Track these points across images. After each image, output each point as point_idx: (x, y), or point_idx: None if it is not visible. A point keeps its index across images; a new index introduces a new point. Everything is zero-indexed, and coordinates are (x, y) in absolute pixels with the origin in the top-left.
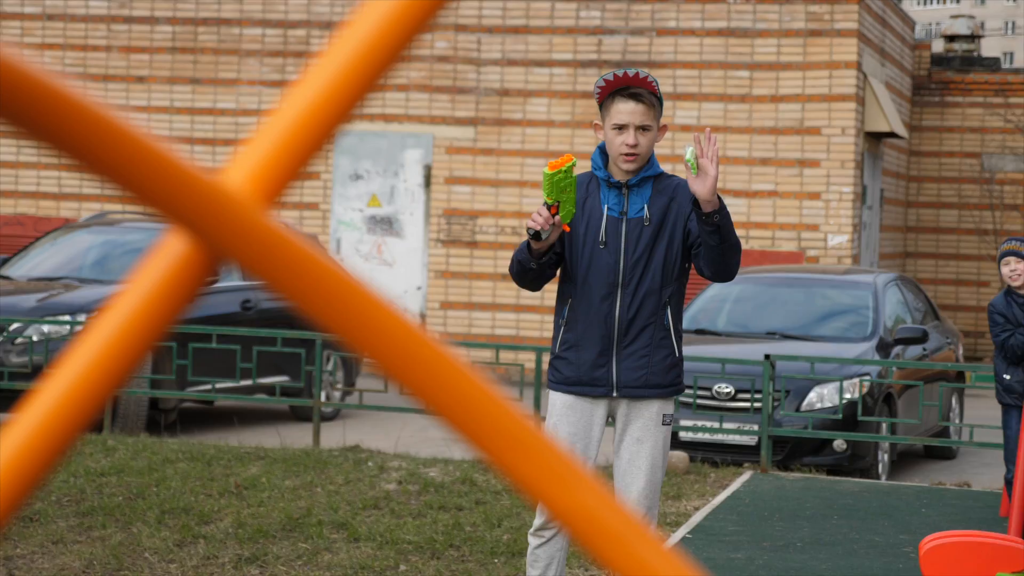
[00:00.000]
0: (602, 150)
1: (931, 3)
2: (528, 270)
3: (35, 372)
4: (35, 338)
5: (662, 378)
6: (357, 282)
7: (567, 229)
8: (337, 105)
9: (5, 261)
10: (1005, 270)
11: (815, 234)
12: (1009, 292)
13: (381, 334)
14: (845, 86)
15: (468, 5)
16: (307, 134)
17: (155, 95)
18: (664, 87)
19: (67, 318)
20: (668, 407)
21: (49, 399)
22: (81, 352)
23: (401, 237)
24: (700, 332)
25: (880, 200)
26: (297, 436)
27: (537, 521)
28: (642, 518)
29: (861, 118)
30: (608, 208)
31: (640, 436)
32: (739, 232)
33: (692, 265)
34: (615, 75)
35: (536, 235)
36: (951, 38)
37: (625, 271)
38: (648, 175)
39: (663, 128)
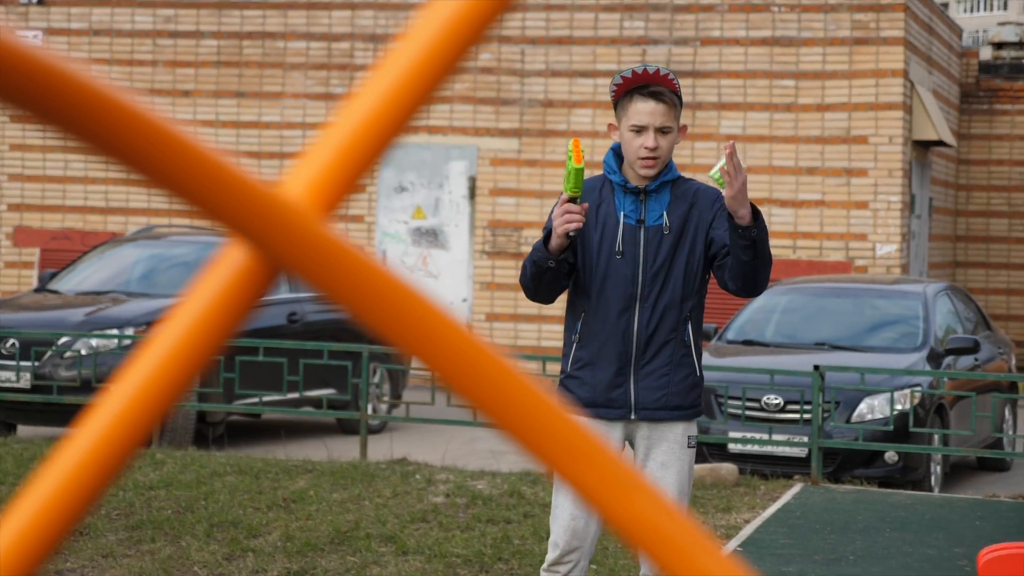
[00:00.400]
0: (616, 152)
1: (978, 10)
2: (546, 270)
3: (84, 386)
4: (83, 352)
5: (683, 399)
6: (416, 292)
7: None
8: (393, 117)
9: (53, 275)
10: None
11: (863, 244)
12: None
13: (440, 344)
14: (892, 94)
15: (511, 16)
16: (364, 146)
17: (200, 109)
18: (709, 97)
19: (115, 332)
20: (692, 428)
21: (108, 413)
22: (140, 365)
23: (446, 249)
24: (748, 343)
25: (929, 209)
26: (344, 449)
27: (550, 556)
28: None
29: (909, 127)
30: (625, 215)
31: (665, 460)
32: (786, 242)
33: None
34: (633, 72)
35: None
36: (999, 45)
37: (644, 283)
38: (667, 180)
39: (683, 129)
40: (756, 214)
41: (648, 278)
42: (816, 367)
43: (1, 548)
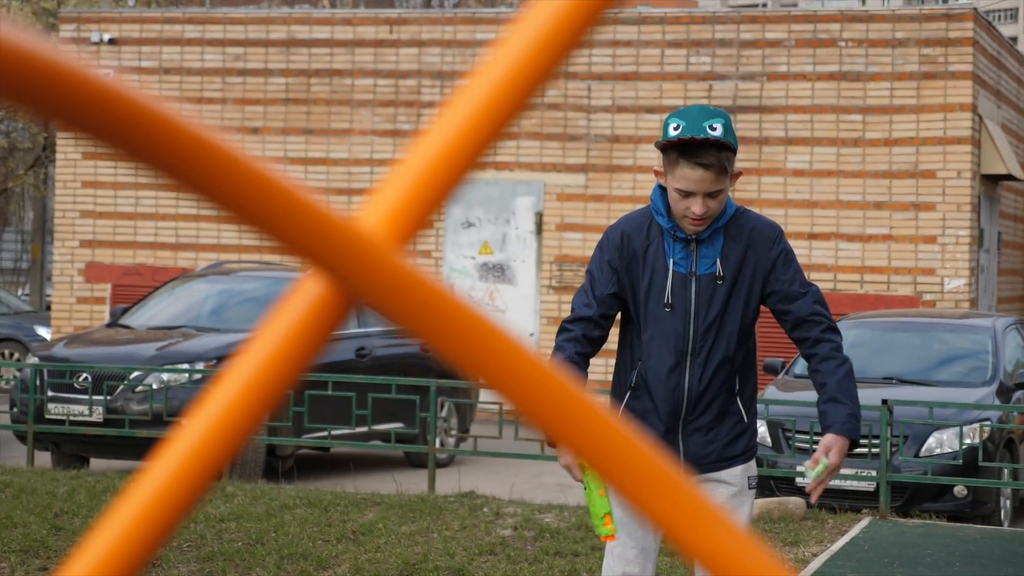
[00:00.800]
0: (664, 190)
1: None
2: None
3: (155, 420)
4: (155, 386)
5: (732, 448)
6: (493, 323)
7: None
8: (466, 152)
9: (125, 311)
10: None
11: (931, 278)
12: None
13: (516, 375)
14: (960, 129)
15: (579, 53)
16: (437, 180)
17: (269, 146)
18: (775, 132)
19: (185, 366)
20: (751, 469)
21: (183, 446)
22: (216, 398)
23: (513, 284)
24: None
25: (997, 243)
26: (412, 482)
27: None
28: None
29: (977, 161)
30: (674, 263)
31: (725, 505)
32: (854, 276)
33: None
34: (680, 137)
35: None
36: None
37: (696, 338)
38: (719, 225)
39: (736, 176)
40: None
41: (700, 333)
42: (884, 401)
43: None
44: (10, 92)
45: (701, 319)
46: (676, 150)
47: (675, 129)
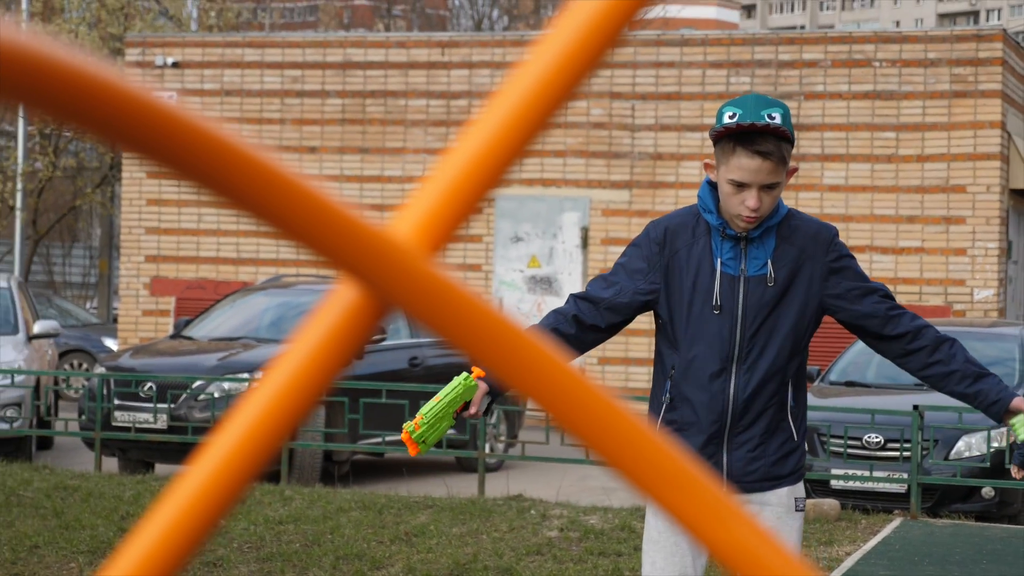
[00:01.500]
0: (712, 186)
1: None
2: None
3: (217, 427)
4: (216, 395)
5: (781, 468)
6: (521, 330)
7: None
8: (497, 161)
9: (188, 323)
10: None
11: (961, 289)
12: None
13: (545, 379)
14: (990, 145)
15: (622, 74)
16: (469, 188)
17: (326, 164)
18: (812, 149)
19: (246, 375)
20: (799, 490)
21: (222, 449)
22: (255, 401)
23: (560, 296)
24: (850, 384)
25: None
26: (463, 486)
27: None
28: None
29: (1006, 176)
30: (722, 263)
31: (772, 527)
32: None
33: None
34: (738, 123)
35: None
36: None
37: (743, 343)
38: (771, 224)
39: (791, 172)
40: None
41: (747, 337)
42: (915, 407)
43: None
44: (69, 113)
45: (749, 323)
46: (732, 139)
47: (731, 117)
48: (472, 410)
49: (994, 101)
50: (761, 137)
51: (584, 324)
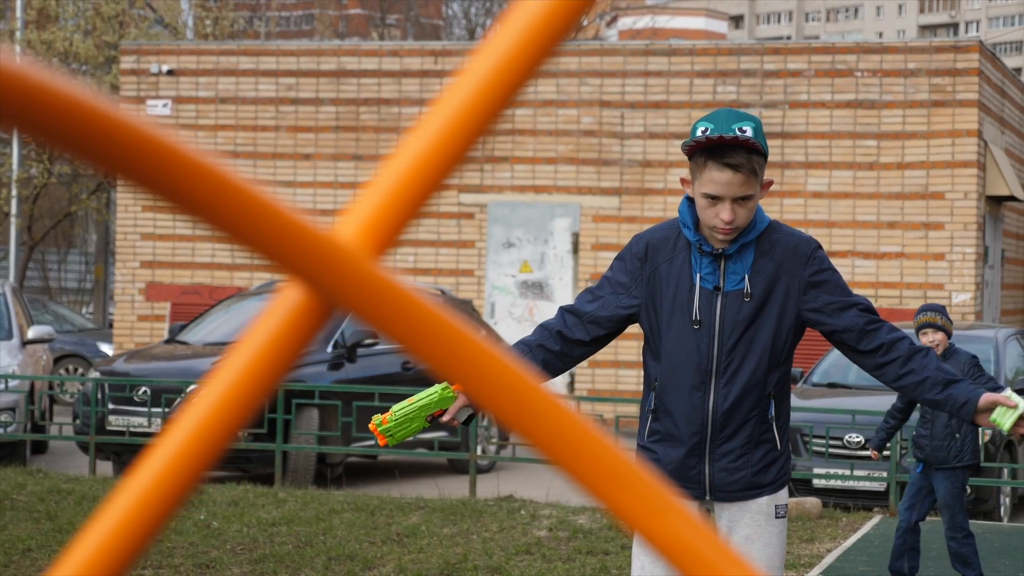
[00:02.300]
0: (691, 202)
1: None
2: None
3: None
4: None
5: (763, 477)
6: (463, 327)
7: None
8: (439, 166)
9: (182, 328)
10: (924, 339)
11: (940, 293)
12: None
13: (486, 376)
14: (967, 153)
15: (612, 83)
16: (412, 192)
17: (320, 171)
18: (796, 156)
19: None
20: (780, 498)
21: (170, 449)
22: (200, 402)
23: (551, 301)
24: (832, 385)
25: (1001, 260)
26: (455, 487)
27: None
28: None
29: (982, 183)
30: (701, 278)
31: (750, 534)
32: (868, 292)
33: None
34: (707, 137)
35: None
36: None
37: (721, 358)
38: (748, 240)
39: (766, 185)
40: None
41: (725, 351)
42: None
43: None
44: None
45: (727, 337)
46: (704, 153)
47: (703, 132)
48: (446, 417)
49: (971, 110)
50: (731, 150)
51: (569, 339)
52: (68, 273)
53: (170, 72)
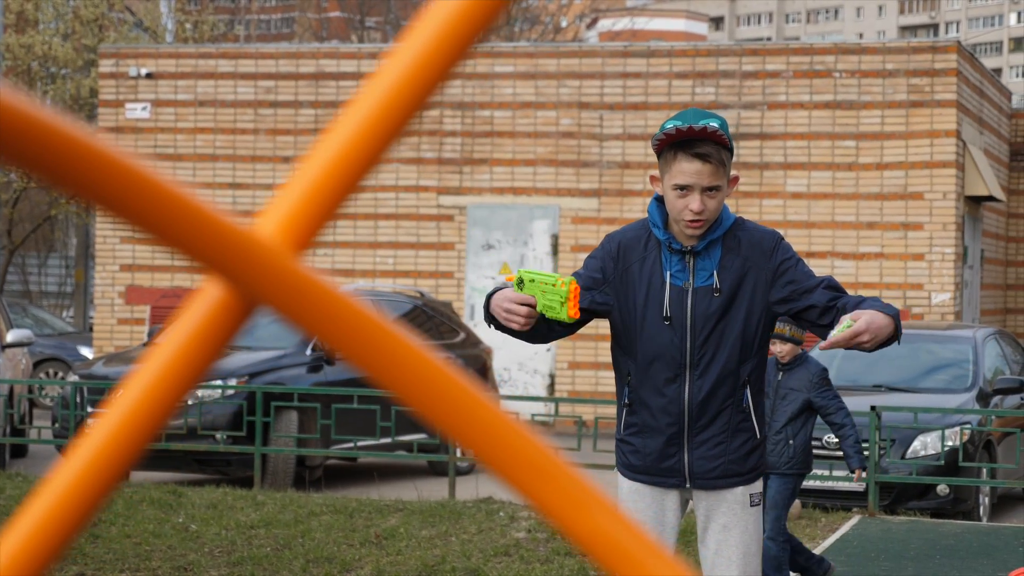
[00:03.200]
0: (660, 202)
1: None
2: (513, 333)
3: (190, 433)
4: (189, 402)
5: (741, 465)
6: (384, 322)
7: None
8: (357, 165)
9: (162, 331)
10: (771, 348)
11: (919, 293)
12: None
13: (408, 371)
14: (946, 153)
15: (591, 84)
16: (331, 190)
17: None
18: (775, 157)
19: (219, 382)
20: (755, 487)
21: (91, 449)
22: (123, 400)
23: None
24: None
25: (980, 260)
26: (434, 489)
27: None
28: None
29: (961, 183)
30: (671, 276)
31: (727, 523)
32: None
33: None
34: (677, 128)
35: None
36: None
37: (693, 352)
38: (715, 237)
39: (733, 181)
40: (896, 325)
41: (698, 345)
42: (873, 408)
43: None
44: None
45: (698, 332)
46: (674, 147)
47: (672, 127)
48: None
49: (949, 111)
50: (700, 142)
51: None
52: (48, 277)
53: (149, 75)
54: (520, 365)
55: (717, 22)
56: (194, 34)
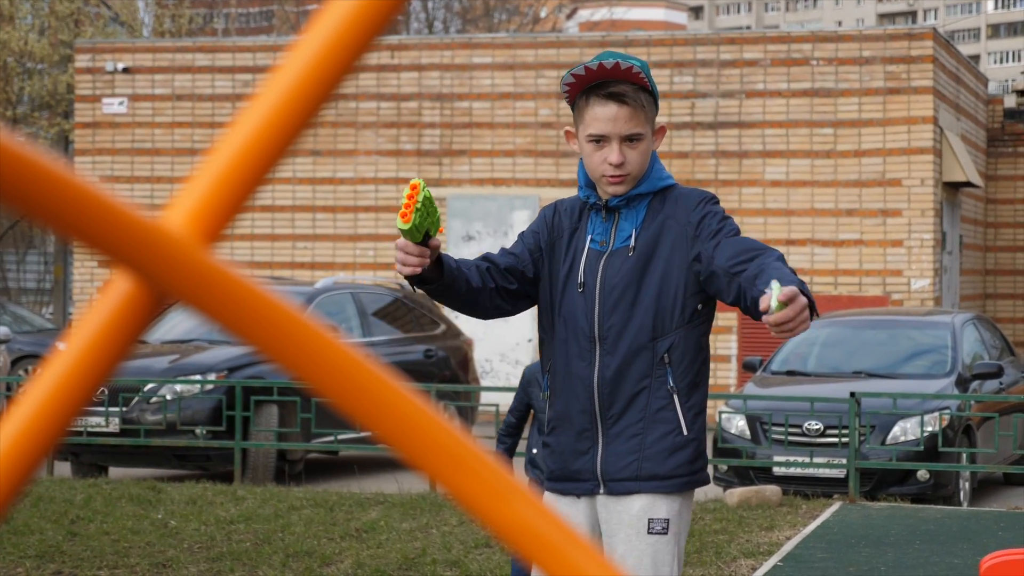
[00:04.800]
0: None
1: (1006, 61)
2: (438, 293)
3: (169, 429)
4: (168, 397)
5: (658, 466)
6: (294, 313)
7: (441, 231)
8: (264, 156)
9: None
10: None
11: (899, 279)
12: None
13: (321, 362)
14: (923, 140)
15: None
16: (244, 172)
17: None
18: (754, 146)
19: (197, 377)
20: (658, 508)
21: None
22: (30, 397)
23: None
24: (791, 373)
25: (959, 245)
26: (415, 482)
27: None
28: None
29: (939, 169)
30: (591, 239)
31: (624, 551)
32: (827, 279)
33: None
34: (586, 68)
35: (419, 279)
36: (1023, 92)
37: (602, 321)
38: (641, 192)
39: (660, 131)
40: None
41: (607, 313)
42: (852, 394)
43: None
44: None
45: (606, 297)
46: (585, 92)
47: (582, 71)
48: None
49: (926, 97)
50: (614, 82)
51: (486, 270)
52: (27, 274)
53: (126, 70)
54: (502, 356)
55: (696, 11)
56: (172, 28)
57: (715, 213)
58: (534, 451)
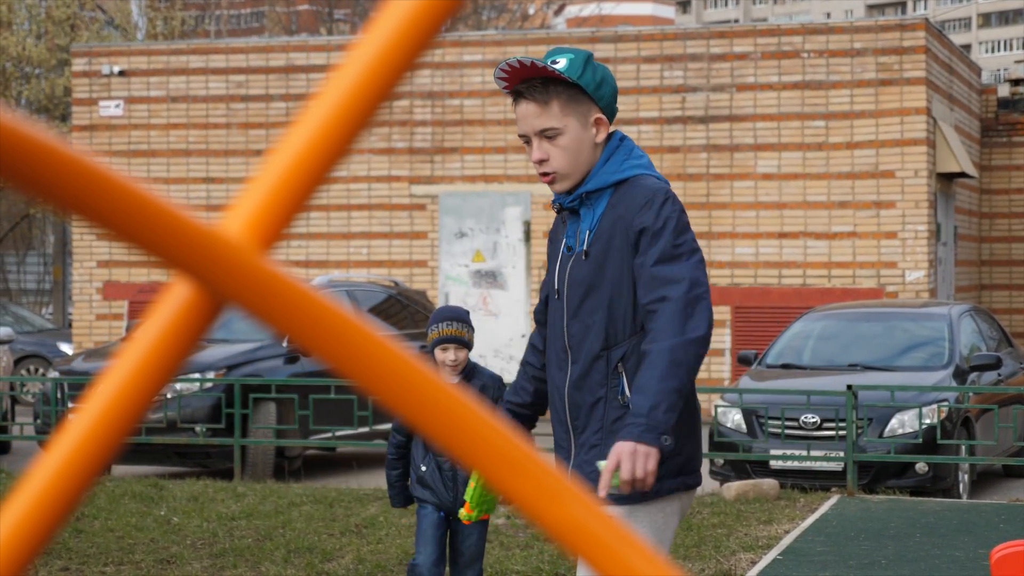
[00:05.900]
0: None
1: (998, 51)
2: None
3: (169, 427)
4: (168, 395)
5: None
6: (351, 317)
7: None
8: (322, 159)
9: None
10: (442, 356)
11: (893, 271)
12: None
13: (377, 365)
14: (916, 131)
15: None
16: (297, 186)
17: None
18: (745, 139)
19: (197, 376)
20: (637, 518)
21: (67, 448)
22: (94, 401)
23: (505, 289)
24: (787, 367)
25: (954, 237)
26: None
27: None
28: None
29: (933, 160)
30: (564, 243)
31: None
32: (821, 272)
33: None
34: (498, 78)
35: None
36: (1016, 82)
37: (569, 329)
38: (592, 188)
39: (598, 122)
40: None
41: (570, 320)
42: (849, 387)
43: None
44: None
45: (569, 304)
46: (513, 94)
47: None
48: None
49: (919, 88)
50: (527, 83)
51: (538, 349)
52: (27, 275)
53: (121, 73)
54: (496, 352)
55: (684, 5)
56: (165, 31)
57: (652, 228)
58: (423, 468)
